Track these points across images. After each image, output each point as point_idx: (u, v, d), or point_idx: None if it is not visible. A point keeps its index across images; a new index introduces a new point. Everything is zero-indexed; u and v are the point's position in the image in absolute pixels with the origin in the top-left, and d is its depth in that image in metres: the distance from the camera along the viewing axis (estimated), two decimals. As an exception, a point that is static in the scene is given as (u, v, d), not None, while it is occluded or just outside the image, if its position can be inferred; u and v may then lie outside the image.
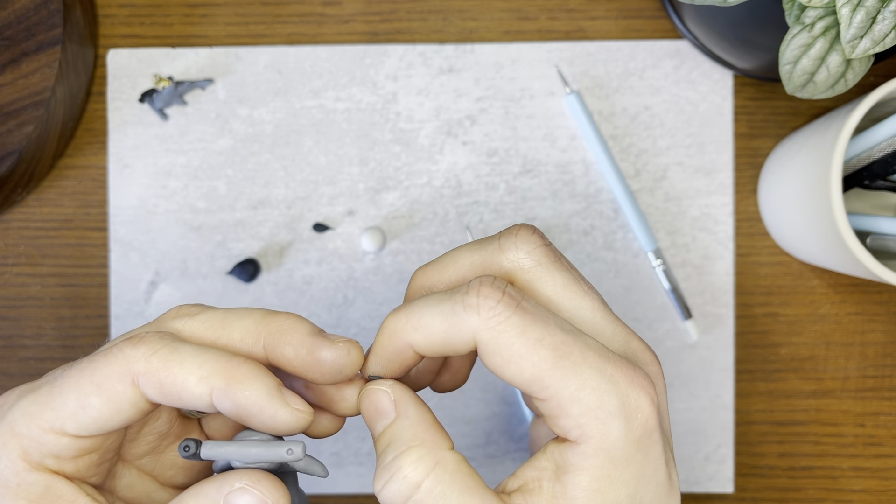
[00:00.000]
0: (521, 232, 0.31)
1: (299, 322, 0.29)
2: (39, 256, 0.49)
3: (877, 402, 0.49)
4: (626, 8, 0.49)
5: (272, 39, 0.49)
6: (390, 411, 0.29)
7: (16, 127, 0.44)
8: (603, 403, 0.28)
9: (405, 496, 0.27)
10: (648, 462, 0.28)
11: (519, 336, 0.28)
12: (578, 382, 0.27)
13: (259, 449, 0.27)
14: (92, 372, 0.28)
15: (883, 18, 0.35)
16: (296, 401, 0.28)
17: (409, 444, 0.28)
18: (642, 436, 0.28)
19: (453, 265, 0.31)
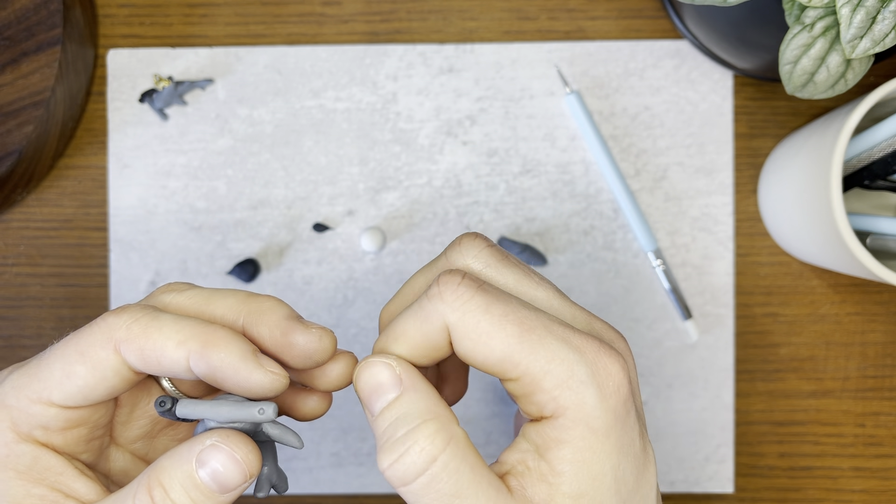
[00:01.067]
0: (463, 240, 0.31)
1: (278, 305, 0.30)
2: (39, 256, 0.49)
3: (877, 403, 0.49)
4: (626, 8, 0.49)
5: (272, 39, 0.49)
6: (395, 385, 0.29)
7: (16, 127, 0.44)
8: (574, 373, 0.28)
9: (420, 470, 0.27)
10: (626, 432, 0.29)
11: (484, 313, 0.28)
12: (547, 355, 0.28)
13: (231, 407, 0.28)
14: (76, 342, 0.28)
15: (883, 18, 0.35)
16: (270, 364, 0.28)
17: (425, 418, 0.28)
18: (617, 404, 0.28)
19: (411, 291, 0.32)
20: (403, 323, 0.29)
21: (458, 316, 0.28)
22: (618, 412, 0.28)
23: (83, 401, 0.29)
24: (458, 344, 0.29)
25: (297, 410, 0.32)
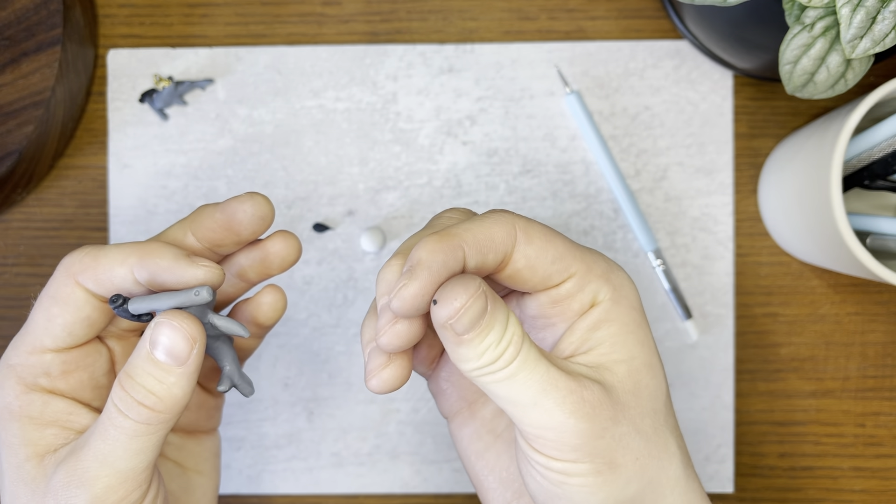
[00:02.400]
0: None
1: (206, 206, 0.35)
2: (39, 256, 0.49)
3: (877, 403, 0.49)
4: (626, 8, 0.49)
5: (272, 39, 0.49)
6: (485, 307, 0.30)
7: (16, 127, 0.45)
8: (609, 266, 0.34)
9: (516, 351, 0.30)
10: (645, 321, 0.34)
11: (545, 229, 0.33)
12: (588, 254, 0.33)
13: (172, 296, 0.32)
14: (46, 290, 0.33)
15: (883, 18, 0.35)
16: (202, 260, 0.32)
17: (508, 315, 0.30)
18: (634, 286, 0.34)
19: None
20: (472, 223, 0.32)
21: (527, 223, 0.32)
22: (636, 291, 0.34)
23: (70, 337, 0.33)
24: (531, 246, 0.32)
25: (258, 316, 0.37)
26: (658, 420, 0.32)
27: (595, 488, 0.31)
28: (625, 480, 0.31)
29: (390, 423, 0.48)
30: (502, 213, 0.33)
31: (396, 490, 0.48)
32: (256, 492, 0.48)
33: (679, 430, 0.34)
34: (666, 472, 0.32)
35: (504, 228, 0.32)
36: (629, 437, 0.31)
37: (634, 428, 0.31)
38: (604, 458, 0.30)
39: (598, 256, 0.34)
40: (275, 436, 0.48)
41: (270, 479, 0.48)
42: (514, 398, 0.30)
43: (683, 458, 0.33)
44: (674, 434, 0.33)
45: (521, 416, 0.30)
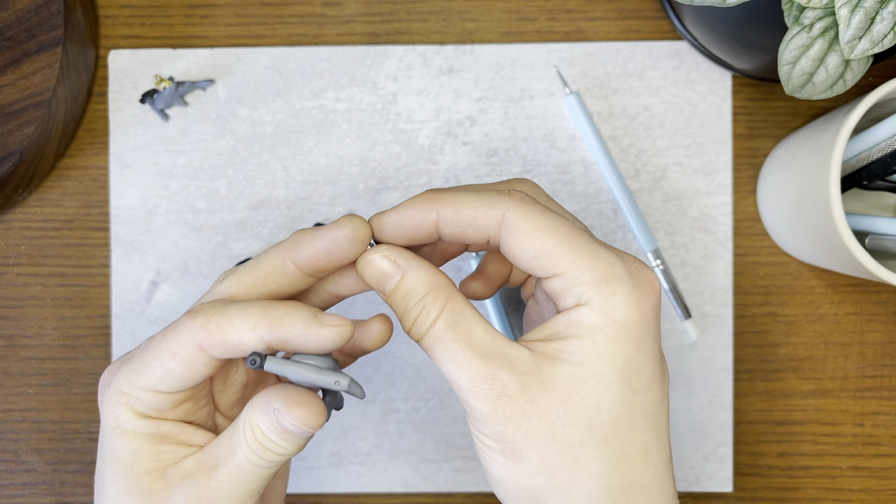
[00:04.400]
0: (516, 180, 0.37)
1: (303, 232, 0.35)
2: (41, 256, 0.49)
3: (875, 402, 0.49)
4: (626, 9, 0.49)
5: (273, 40, 0.49)
6: (395, 271, 0.34)
7: (17, 127, 0.45)
8: (613, 272, 0.32)
9: (428, 325, 0.32)
10: (648, 334, 0.32)
11: (543, 215, 0.33)
12: (591, 253, 0.32)
13: (313, 374, 0.32)
14: (167, 343, 0.33)
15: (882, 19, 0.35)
16: (332, 319, 0.32)
17: (426, 289, 0.33)
18: (646, 305, 0.32)
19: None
20: (466, 192, 0.34)
21: (520, 213, 0.33)
22: (644, 312, 0.32)
23: (183, 387, 0.33)
24: (513, 238, 0.33)
25: (365, 342, 0.37)
26: (591, 437, 0.32)
27: (503, 468, 0.32)
28: (527, 472, 0.32)
29: (390, 422, 0.48)
30: (499, 196, 0.33)
31: (396, 489, 0.48)
32: (257, 491, 0.48)
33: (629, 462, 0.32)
34: (579, 488, 0.32)
35: (491, 212, 0.33)
36: (539, 436, 0.31)
37: (550, 431, 0.31)
38: (509, 445, 0.32)
39: (600, 263, 0.32)
40: (275, 435, 0.48)
41: (271, 478, 0.48)
42: (441, 369, 0.33)
43: (610, 487, 0.32)
44: (611, 461, 0.32)
45: (453, 387, 0.33)
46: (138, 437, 0.34)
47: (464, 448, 0.48)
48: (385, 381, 0.48)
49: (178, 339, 0.33)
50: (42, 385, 0.49)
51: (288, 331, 0.32)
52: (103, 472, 0.34)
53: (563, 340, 0.32)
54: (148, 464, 0.34)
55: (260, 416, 0.33)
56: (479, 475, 0.48)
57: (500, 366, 0.32)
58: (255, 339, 0.32)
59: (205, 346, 0.32)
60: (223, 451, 0.33)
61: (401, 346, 0.48)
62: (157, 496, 0.33)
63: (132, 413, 0.34)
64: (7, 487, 0.49)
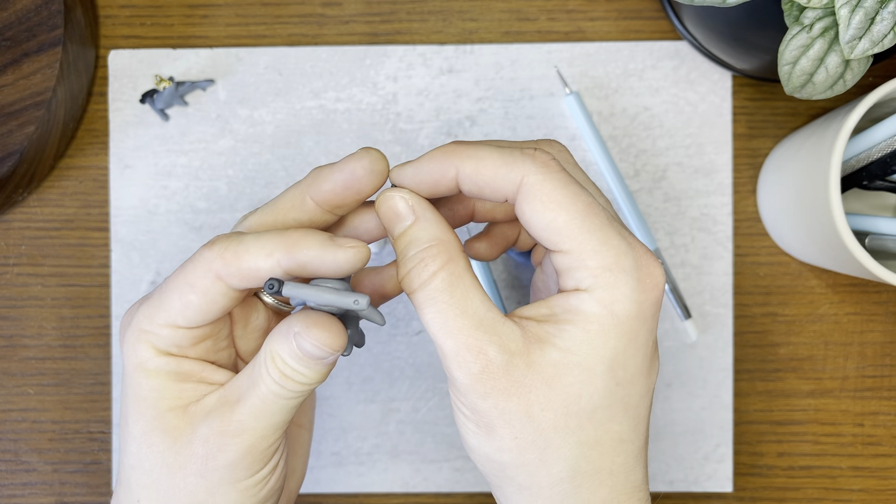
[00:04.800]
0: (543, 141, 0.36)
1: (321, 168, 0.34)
2: (41, 256, 0.49)
3: (875, 402, 0.49)
4: (626, 9, 0.49)
5: (273, 40, 0.49)
6: (408, 215, 0.33)
7: (17, 127, 0.45)
8: (619, 261, 0.32)
9: (423, 281, 0.32)
10: (642, 330, 0.32)
11: (563, 187, 0.32)
12: (602, 238, 0.32)
13: (331, 296, 0.32)
14: (185, 276, 0.33)
15: (882, 19, 0.35)
16: (348, 241, 0.32)
17: (430, 242, 0.32)
18: (646, 301, 0.32)
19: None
20: (488, 149, 0.33)
21: (540, 178, 0.32)
22: (643, 308, 0.32)
23: (203, 321, 0.33)
24: (527, 204, 0.32)
25: (386, 286, 0.37)
26: (567, 422, 0.32)
27: (475, 437, 0.33)
28: (498, 447, 0.32)
29: (390, 422, 0.48)
30: (521, 156, 0.32)
31: (396, 489, 0.48)
32: (257, 491, 0.48)
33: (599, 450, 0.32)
34: (548, 468, 0.32)
35: (511, 173, 0.32)
36: (515, 416, 0.31)
37: (526, 412, 0.31)
38: (484, 419, 0.32)
39: (609, 250, 0.32)
40: (275, 435, 0.48)
41: (271, 478, 0.48)
42: (429, 330, 0.32)
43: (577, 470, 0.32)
44: (582, 447, 0.32)
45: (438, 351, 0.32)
46: (160, 374, 0.33)
47: (464, 448, 0.48)
48: (385, 381, 0.48)
49: (195, 271, 0.33)
50: (42, 385, 0.49)
51: (304, 253, 0.32)
52: (127, 413, 0.34)
53: (557, 325, 0.32)
54: (170, 401, 0.33)
55: (280, 344, 0.32)
56: (480, 475, 0.48)
57: (490, 340, 0.31)
58: (272, 264, 0.32)
59: (222, 274, 0.32)
60: (245, 384, 0.33)
61: (401, 346, 0.48)
62: (180, 432, 0.33)
63: (153, 350, 0.33)
64: (7, 487, 0.49)
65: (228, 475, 0.33)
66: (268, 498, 0.35)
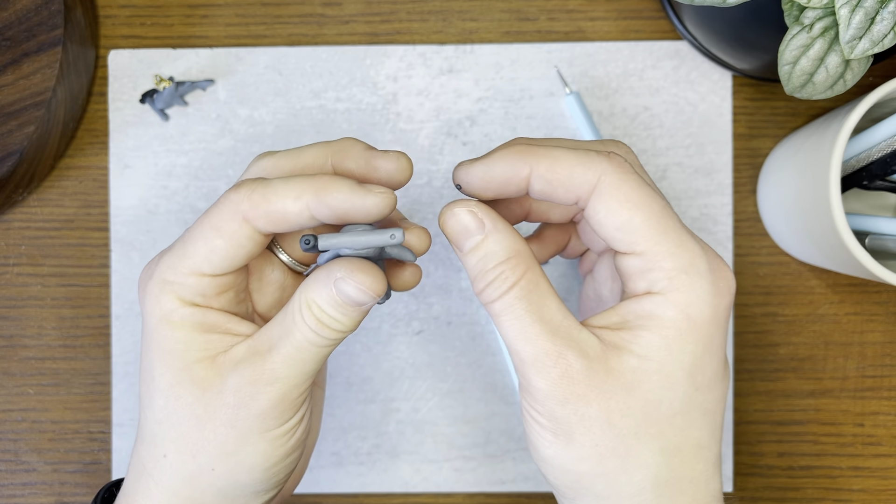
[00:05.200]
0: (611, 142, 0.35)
1: (354, 141, 0.35)
2: (40, 256, 0.49)
3: (875, 402, 0.49)
4: (626, 9, 0.49)
5: (272, 40, 0.49)
6: (479, 229, 0.33)
7: (17, 127, 0.45)
8: (695, 264, 0.31)
9: (502, 292, 0.32)
10: (716, 335, 0.32)
11: (639, 188, 0.32)
12: (677, 240, 0.32)
13: (368, 236, 0.32)
14: (210, 220, 0.33)
15: (882, 19, 0.35)
16: (376, 187, 0.32)
17: (508, 255, 0.32)
18: (720, 305, 0.32)
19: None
20: (562, 150, 0.32)
21: (616, 178, 0.31)
22: (718, 312, 0.32)
23: (228, 268, 0.33)
24: (602, 203, 0.32)
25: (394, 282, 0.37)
26: (648, 429, 0.31)
27: (552, 447, 0.32)
28: (577, 455, 0.32)
29: (390, 422, 0.48)
30: (597, 157, 0.32)
31: (396, 489, 0.48)
32: (257, 491, 0.48)
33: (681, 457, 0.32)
34: (630, 476, 0.32)
35: (587, 173, 0.32)
36: (595, 422, 0.31)
37: (606, 419, 0.31)
38: (562, 427, 0.31)
39: (684, 252, 0.32)
40: (275, 435, 0.48)
41: (271, 478, 0.48)
42: (506, 339, 0.32)
43: (657, 481, 0.32)
44: (664, 454, 0.32)
45: (513, 358, 0.32)
46: (185, 325, 0.33)
47: (464, 448, 0.48)
48: (385, 381, 0.48)
49: (221, 214, 0.33)
50: (42, 385, 0.49)
51: (334, 197, 0.32)
52: (152, 367, 0.34)
53: (632, 331, 0.32)
54: (198, 353, 0.33)
55: (318, 292, 0.32)
56: (480, 475, 0.48)
57: (568, 346, 0.31)
58: (300, 206, 0.32)
59: (249, 216, 0.32)
60: (276, 333, 0.33)
61: (401, 347, 0.48)
62: (209, 383, 0.33)
63: (178, 301, 0.33)
64: (7, 487, 0.49)
65: (259, 424, 0.33)
66: (294, 449, 0.35)
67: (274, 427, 0.33)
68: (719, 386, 0.33)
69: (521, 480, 0.48)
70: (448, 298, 0.48)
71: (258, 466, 0.34)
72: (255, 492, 0.35)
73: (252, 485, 0.34)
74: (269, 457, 0.34)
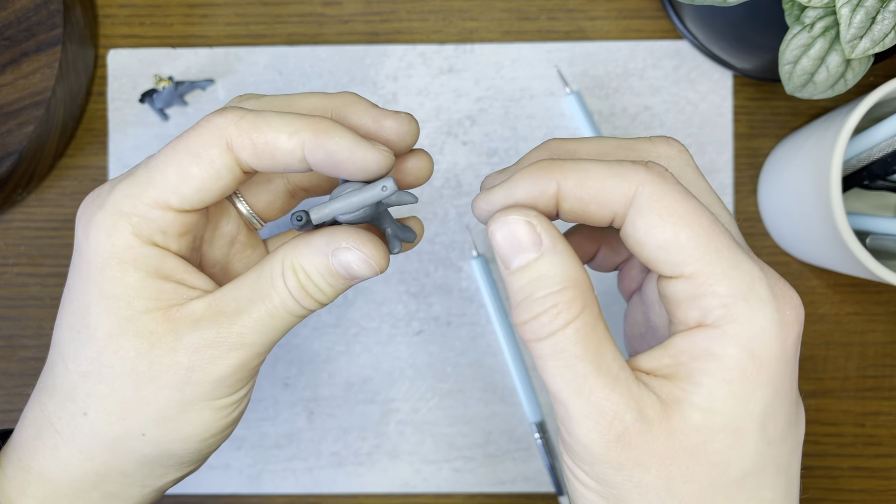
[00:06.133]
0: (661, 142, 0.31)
1: (359, 98, 0.32)
2: (40, 256, 0.49)
3: (876, 402, 0.49)
4: (626, 8, 0.49)
5: (272, 40, 0.49)
6: (535, 245, 0.27)
7: (16, 127, 0.45)
8: (754, 288, 0.27)
9: (553, 331, 0.27)
10: (787, 372, 0.27)
11: (684, 200, 0.27)
12: (732, 260, 0.27)
13: (362, 195, 0.29)
14: (187, 144, 0.29)
15: (882, 18, 0.35)
16: (380, 145, 0.29)
17: (565, 284, 0.27)
18: (788, 337, 0.27)
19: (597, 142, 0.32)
20: (593, 162, 0.28)
21: (656, 189, 0.27)
22: (787, 346, 0.27)
23: (199, 202, 0.30)
24: (642, 218, 0.27)
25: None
26: (714, 495, 0.27)
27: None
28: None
29: (390, 422, 0.48)
30: (633, 168, 0.27)
31: (396, 490, 0.48)
32: (257, 491, 0.48)
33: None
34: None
35: (622, 184, 0.27)
36: (652, 491, 0.27)
37: (667, 487, 0.27)
38: (613, 492, 0.27)
39: (743, 275, 0.27)
40: (275, 435, 0.48)
41: (270, 478, 0.48)
42: (549, 386, 0.27)
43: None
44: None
45: (556, 408, 0.28)
46: (139, 268, 0.29)
47: (464, 448, 0.48)
48: (385, 382, 0.48)
49: (201, 138, 0.29)
50: (41, 385, 0.49)
51: (336, 142, 0.29)
52: (87, 312, 0.30)
53: (690, 379, 0.27)
54: (148, 301, 0.30)
55: (308, 258, 0.30)
56: (480, 475, 0.48)
57: (627, 405, 0.26)
58: (294, 144, 0.29)
59: (235, 144, 0.29)
60: (246, 295, 0.30)
61: (401, 347, 0.48)
62: (160, 338, 0.30)
63: (134, 237, 0.29)
64: (6, 488, 0.49)
65: (210, 391, 0.30)
66: (234, 422, 0.32)
67: (224, 395, 0.31)
68: (794, 434, 0.28)
69: (521, 481, 0.48)
70: (448, 298, 0.48)
71: (195, 436, 0.31)
72: (181, 463, 0.32)
73: (181, 455, 0.31)
74: (209, 427, 0.31)
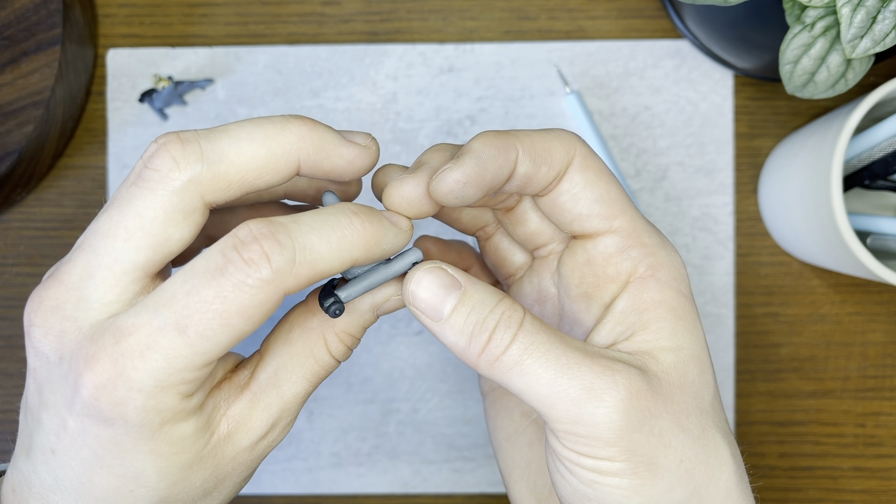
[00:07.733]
0: None
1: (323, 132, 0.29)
2: (39, 256, 0.49)
3: (877, 403, 0.49)
4: (627, 8, 0.49)
5: (272, 39, 0.49)
6: (455, 284, 0.28)
7: (15, 127, 0.44)
8: (662, 239, 0.31)
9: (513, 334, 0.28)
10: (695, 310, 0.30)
11: (604, 168, 0.31)
12: (645, 225, 0.31)
13: (392, 266, 0.30)
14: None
15: (883, 18, 0.35)
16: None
17: (499, 297, 0.28)
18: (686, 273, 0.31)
19: None
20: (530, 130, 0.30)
21: (588, 151, 0.30)
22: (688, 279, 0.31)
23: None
24: (580, 174, 0.30)
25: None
26: (705, 420, 0.28)
27: (631, 491, 0.27)
28: (666, 485, 0.27)
29: (390, 423, 0.48)
30: (564, 132, 0.30)
31: (396, 490, 0.48)
32: (256, 492, 0.48)
33: (731, 436, 0.30)
34: (716, 481, 0.28)
35: (564, 146, 0.30)
36: (672, 434, 0.27)
37: (678, 425, 0.27)
38: (642, 457, 0.27)
39: (654, 230, 0.31)
40: (275, 436, 0.48)
41: (270, 479, 0.48)
42: (533, 390, 0.27)
43: (737, 468, 0.29)
44: (726, 438, 0.29)
45: (548, 410, 0.27)
46: (189, 418, 0.27)
47: (464, 449, 0.48)
48: (385, 382, 0.48)
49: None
50: (41, 385, 0.49)
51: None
52: (140, 475, 0.27)
53: (650, 329, 0.29)
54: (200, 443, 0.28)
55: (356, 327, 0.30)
56: (479, 476, 0.48)
57: (612, 364, 0.27)
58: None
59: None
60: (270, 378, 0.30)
61: (400, 347, 0.48)
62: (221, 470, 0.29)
63: (179, 397, 0.27)
64: (6, 488, 0.49)
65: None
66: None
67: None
68: None
69: (521, 481, 0.48)
70: (448, 298, 0.48)
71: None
72: None
73: None
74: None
